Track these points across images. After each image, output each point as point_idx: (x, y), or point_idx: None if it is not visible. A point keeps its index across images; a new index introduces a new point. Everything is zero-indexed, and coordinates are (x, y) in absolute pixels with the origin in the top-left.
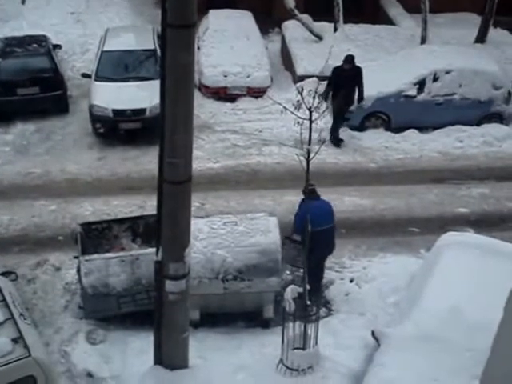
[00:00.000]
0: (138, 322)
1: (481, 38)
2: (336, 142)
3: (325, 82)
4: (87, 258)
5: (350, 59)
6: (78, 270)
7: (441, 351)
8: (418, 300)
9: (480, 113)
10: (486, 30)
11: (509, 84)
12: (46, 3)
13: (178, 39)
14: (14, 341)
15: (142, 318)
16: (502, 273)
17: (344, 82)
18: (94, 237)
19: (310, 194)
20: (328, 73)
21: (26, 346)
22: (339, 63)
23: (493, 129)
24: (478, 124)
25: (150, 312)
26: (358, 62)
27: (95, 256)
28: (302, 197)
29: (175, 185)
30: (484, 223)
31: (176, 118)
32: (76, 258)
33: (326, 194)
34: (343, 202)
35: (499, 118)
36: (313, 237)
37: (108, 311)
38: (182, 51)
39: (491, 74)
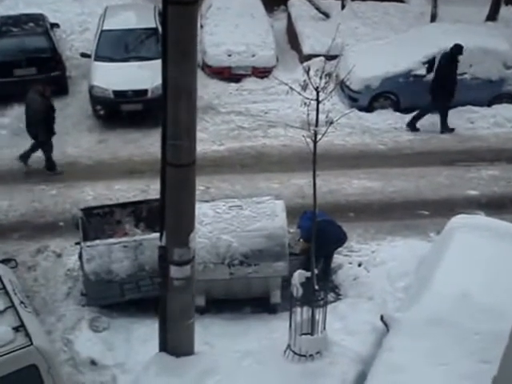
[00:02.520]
0: (141, 309)
1: (492, 15)
2: (446, 129)
3: (333, 62)
4: (89, 243)
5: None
6: (80, 257)
7: (450, 335)
8: (427, 284)
9: (491, 93)
10: (498, 8)
11: None
12: None
13: (180, 17)
14: (16, 329)
15: (145, 305)
16: None
17: (454, 71)
18: (96, 222)
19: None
20: (336, 52)
21: (27, 335)
22: (347, 41)
23: (504, 109)
24: (489, 104)
25: (154, 299)
26: (365, 40)
27: (97, 242)
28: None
29: (179, 168)
30: (494, 205)
31: (179, 98)
32: (77, 243)
33: (333, 177)
34: (351, 184)
35: (510, 98)
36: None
37: (111, 298)
38: (185, 29)
39: (502, 53)
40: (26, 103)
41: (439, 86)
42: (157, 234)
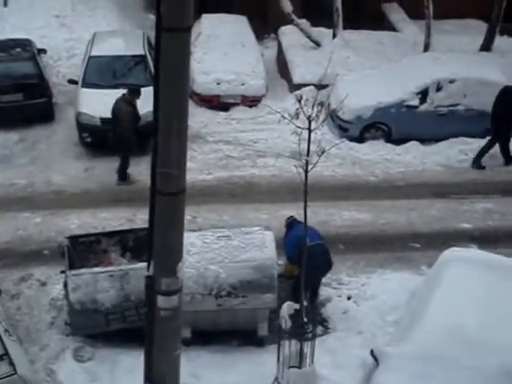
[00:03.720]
0: (127, 340)
1: (487, 45)
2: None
3: (323, 91)
4: (74, 272)
5: None
6: (65, 285)
7: (442, 371)
8: (419, 318)
9: (485, 124)
10: (492, 38)
11: None
12: (30, 5)
13: (172, 44)
14: (0, 358)
15: (131, 336)
16: (507, 290)
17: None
18: (82, 251)
19: (293, 223)
20: (327, 81)
21: (11, 364)
22: (338, 71)
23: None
24: (483, 136)
25: (139, 329)
26: (357, 70)
27: (83, 270)
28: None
29: (168, 196)
30: (488, 239)
31: (170, 126)
32: (63, 272)
33: (323, 209)
34: (342, 216)
35: None
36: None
37: (96, 328)
38: (177, 56)
39: (497, 83)
40: (113, 110)
41: (497, 120)
42: (143, 264)
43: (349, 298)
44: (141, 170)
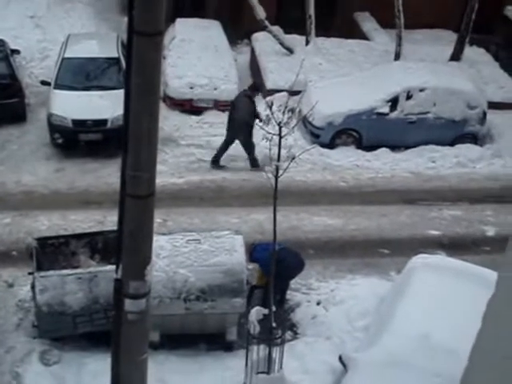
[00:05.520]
0: (94, 343)
1: (456, 55)
2: None
3: (295, 97)
4: (42, 274)
5: None
6: (33, 287)
7: (410, 377)
8: (387, 324)
9: (454, 133)
10: (462, 48)
11: (484, 104)
12: (4, 6)
13: (144, 47)
14: None
15: (98, 339)
16: (473, 297)
17: None
18: (50, 252)
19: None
20: (299, 87)
21: None
22: (310, 78)
23: (467, 149)
24: (452, 144)
25: (107, 332)
26: (329, 77)
27: (51, 272)
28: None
29: (138, 199)
30: (456, 246)
31: (140, 129)
32: (30, 274)
33: (294, 213)
34: (312, 221)
35: (473, 138)
36: (279, 258)
37: (63, 331)
38: (149, 60)
39: (466, 93)
40: (233, 103)
41: None
42: (112, 267)
43: (318, 304)
44: (110, 172)
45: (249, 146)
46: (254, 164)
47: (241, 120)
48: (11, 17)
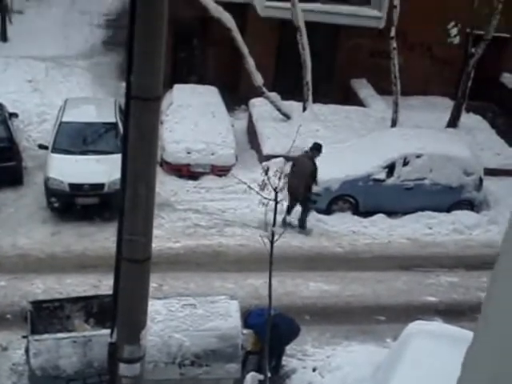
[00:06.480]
0: None
1: (453, 122)
2: None
3: (291, 163)
4: (37, 337)
5: None
6: (27, 351)
7: None
8: None
9: (450, 199)
10: (459, 115)
11: (480, 170)
12: (3, 70)
13: (142, 112)
14: None
15: None
16: None
17: None
18: (45, 316)
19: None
20: (296, 153)
21: None
22: (307, 144)
23: (463, 216)
24: (449, 210)
25: None
26: (326, 144)
27: (45, 336)
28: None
29: (134, 263)
30: (453, 313)
31: (137, 193)
32: (25, 337)
33: (290, 279)
34: (308, 287)
35: (470, 204)
36: (274, 323)
37: None
38: (146, 125)
39: (463, 159)
40: (296, 164)
41: None
42: (107, 330)
43: (314, 370)
44: (107, 236)
45: (305, 208)
46: (304, 226)
47: (302, 183)
48: (10, 81)
